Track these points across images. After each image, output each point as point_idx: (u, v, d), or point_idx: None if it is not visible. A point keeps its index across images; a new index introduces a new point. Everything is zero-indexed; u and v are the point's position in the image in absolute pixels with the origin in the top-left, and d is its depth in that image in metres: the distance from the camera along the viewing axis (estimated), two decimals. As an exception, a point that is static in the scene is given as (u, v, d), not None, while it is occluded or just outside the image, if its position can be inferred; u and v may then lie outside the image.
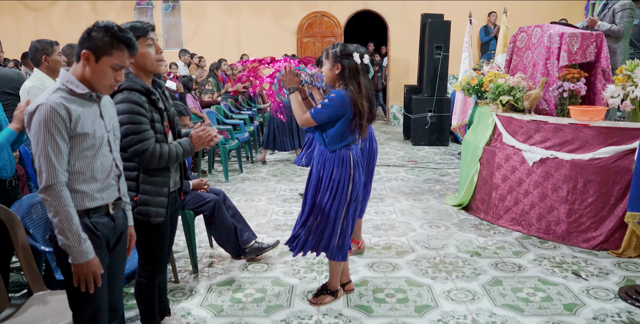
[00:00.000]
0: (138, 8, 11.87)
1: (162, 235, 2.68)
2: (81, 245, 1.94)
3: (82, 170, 2.00)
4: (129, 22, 2.48)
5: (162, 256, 2.73)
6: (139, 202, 2.51)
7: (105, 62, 1.97)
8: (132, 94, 2.39)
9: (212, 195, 3.89)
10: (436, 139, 8.99)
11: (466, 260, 3.95)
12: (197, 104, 6.98)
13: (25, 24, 11.74)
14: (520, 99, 4.51)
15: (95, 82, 2.00)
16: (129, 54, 2.02)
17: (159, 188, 2.55)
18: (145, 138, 2.38)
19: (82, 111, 1.98)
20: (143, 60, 2.46)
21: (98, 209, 2.08)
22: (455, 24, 9.12)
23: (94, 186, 2.05)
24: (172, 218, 2.82)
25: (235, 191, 6.10)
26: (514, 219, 4.59)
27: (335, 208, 3.06)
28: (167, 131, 2.60)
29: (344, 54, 2.96)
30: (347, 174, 3.03)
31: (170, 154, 2.43)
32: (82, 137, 1.97)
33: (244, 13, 11.56)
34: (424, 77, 9.10)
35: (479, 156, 4.91)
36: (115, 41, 1.96)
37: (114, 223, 2.16)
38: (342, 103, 2.91)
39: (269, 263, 3.99)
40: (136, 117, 2.37)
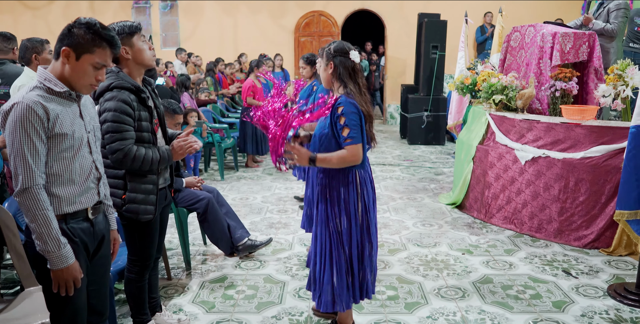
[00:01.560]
0: (136, 7, 11.88)
1: (151, 232, 2.70)
2: (61, 250, 1.88)
3: (60, 172, 1.93)
4: (120, 21, 2.52)
5: (151, 252, 2.75)
6: (127, 200, 2.53)
7: (86, 60, 1.91)
8: (122, 92, 2.42)
9: (206, 193, 3.91)
10: (432, 138, 9.01)
11: (458, 258, 3.97)
12: (193, 102, 7.00)
13: (23, 23, 11.74)
14: (513, 98, 4.54)
15: (74, 81, 1.94)
16: (111, 52, 1.97)
17: (147, 186, 2.57)
18: (124, 138, 2.40)
19: (61, 110, 1.91)
20: (140, 55, 2.50)
21: (76, 214, 2.00)
22: (451, 24, 9.14)
23: (72, 190, 1.97)
24: (163, 214, 2.84)
25: (230, 190, 6.12)
26: (506, 217, 4.61)
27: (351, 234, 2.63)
28: (157, 128, 2.63)
29: (339, 52, 2.63)
30: (354, 193, 2.62)
31: (145, 158, 2.43)
32: (60, 137, 1.89)
33: (242, 12, 11.57)
34: (420, 77, 9.13)
35: (472, 155, 4.93)
36: (98, 39, 1.90)
37: (94, 228, 2.09)
38: (354, 108, 2.53)
39: (261, 260, 4.01)
40: (121, 117, 2.39)
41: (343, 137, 2.52)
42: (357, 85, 2.63)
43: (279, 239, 4.45)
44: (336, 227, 2.63)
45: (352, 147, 2.52)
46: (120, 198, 2.54)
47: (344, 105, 2.52)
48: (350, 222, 2.61)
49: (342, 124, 2.52)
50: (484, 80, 4.77)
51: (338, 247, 2.64)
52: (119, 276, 2.90)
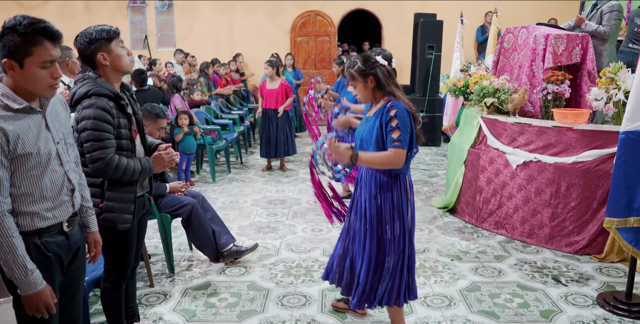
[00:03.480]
0: (131, 6, 11.81)
1: (129, 241, 2.63)
2: (28, 277, 1.80)
3: (29, 191, 1.83)
4: (98, 26, 2.44)
5: (128, 262, 2.68)
6: (105, 209, 2.47)
7: (30, 64, 1.77)
8: (100, 99, 2.35)
9: (190, 198, 3.85)
10: (428, 140, 8.92)
11: (446, 264, 3.90)
12: (185, 104, 6.93)
13: (18, 22, 11.66)
14: (504, 101, 4.46)
15: (32, 88, 1.81)
16: (53, 44, 1.79)
17: (125, 194, 2.50)
18: (105, 146, 2.34)
19: (22, 128, 1.79)
20: (118, 62, 2.43)
21: (50, 228, 1.92)
22: (448, 24, 9.06)
23: (45, 205, 1.89)
24: (141, 223, 2.78)
25: (221, 192, 6.05)
26: (497, 222, 4.54)
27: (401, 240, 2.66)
28: (135, 135, 2.56)
29: (369, 64, 2.60)
30: (406, 198, 2.64)
31: (127, 168, 2.38)
32: (24, 157, 1.79)
33: (238, 12, 11.50)
34: (416, 77, 9.04)
35: (463, 158, 4.86)
36: (30, 37, 1.74)
37: (69, 241, 2.02)
38: (406, 112, 2.52)
39: (247, 266, 3.95)
40: (100, 124, 2.33)
41: (392, 138, 2.51)
42: (398, 87, 2.63)
43: (266, 244, 4.38)
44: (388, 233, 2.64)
45: (399, 150, 2.50)
46: (97, 207, 2.47)
47: (397, 108, 2.52)
48: (403, 227, 2.64)
49: (393, 126, 2.50)
50: (475, 82, 4.70)
51: (390, 252, 2.65)
52: (93, 286, 2.83)
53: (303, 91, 9.78)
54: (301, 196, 5.84)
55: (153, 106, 3.69)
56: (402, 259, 2.68)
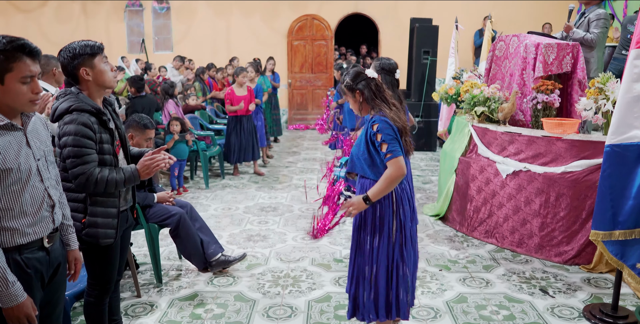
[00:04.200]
0: (128, 10, 11.81)
1: (112, 256, 2.63)
2: (9, 289, 1.82)
3: (9, 206, 1.86)
4: (82, 41, 2.44)
5: (111, 276, 2.68)
6: (87, 224, 2.47)
7: (10, 80, 1.81)
8: (82, 115, 2.35)
9: (177, 208, 3.84)
10: (424, 145, 8.92)
11: (434, 275, 3.90)
12: (179, 110, 6.92)
13: (15, 25, 11.68)
14: (495, 110, 4.46)
15: (12, 104, 1.85)
16: (32, 60, 1.85)
17: (108, 209, 2.50)
18: (86, 162, 2.33)
19: (3, 144, 1.83)
20: (102, 77, 2.44)
21: (31, 244, 1.94)
22: (445, 28, 9.06)
23: (25, 221, 1.91)
24: (124, 237, 2.78)
25: (214, 199, 6.05)
26: (487, 231, 4.53)
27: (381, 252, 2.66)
28: (118, 150, 2.56)
29: (357, 78, 2.69)
30: (390, 210, 2.66)
31: (109, 180, 2.37)
32: (5, 173, 1.83)
33: (234, 15, 11.51)
34: (412, 82, 9.05)
35: (454, 167, 4.85)
36: (9, 54, 1.79)
37: (49, 256, 2.04)
38: (387, 124, 2.57)
39: (235, 276, 3.94)
40: (81, 140, 2.33)
41: (383, 153, 2.59)
42: (385, 101, 2.68)
43: (256, 253, 4.38)
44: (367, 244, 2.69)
45: (394, 160, 2.56)
46: (80, 222, 2.47)
47: (378, 122, 2.60)
48: (388, 239, 2.65)
49: (379, 140, 2.59)
50: (466, 91, 4.69)
51: (370, 263, 2.69)
52: (75, 299, 2.83)
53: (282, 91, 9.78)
54: (293, 203, 5.83)
55: (141, 116, 3.69)
56: (386, 271, 2.67)
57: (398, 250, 2.67)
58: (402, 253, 2.67)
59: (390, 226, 2.65)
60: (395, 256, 2.68)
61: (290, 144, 9.66)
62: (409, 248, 2.70)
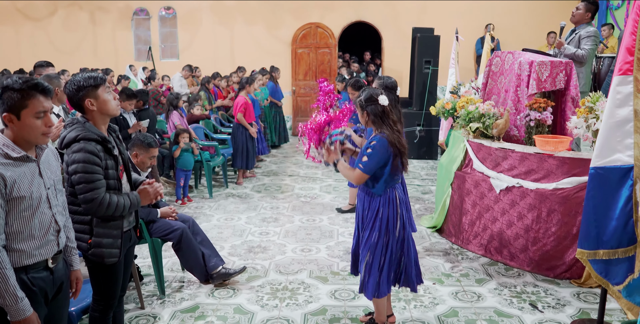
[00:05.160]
0: (135, 18, 12.00)
1: (116, 273, 2.78)
2: (18, 304, 2.01)
3: (20, 229, 2.06)
4: (86, 73, 2.62)
5: (115, 292, 2.82)
6: (93, 245, 2.62)
7: (26, 116, 2.03)
8: (89, 143, 2.50)
9: (180, 223, 3.98)
10: (425, 153, 9.03)
11: (427, 288, 4.01)
12: (183, 121, 7.08)
13: (24, 34, 11.92)
14: (489, 126, 4.57)
15: (28, 137, 2.06)
16: (45, 97, 2.07)
17: (112, 230, 2.66)
18: (96, 187, 2.49)
19: (18, 174, 2.04)
20: (105, 106, 2.60)
21: (36, 265, 2.14)
22: (446, 38, 9.17)
23: (32, 244, 2.10)
24: (127, 255, 2.91)
25: (217, 209, 6.19)
26: (482, 244, 4.64)
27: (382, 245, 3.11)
28: (122, 174, 2.71)
29: (369, 101, 3.07)
30: (394, 213, 3.10)
31: (118, 205, 2.53)
32: (18, 200, 2.03)
33: (238, 23, 11.67)
34: (413, 91, 9.16)
35: (450, 180, 4.97)
36: (24, 93, 2.02)
37: (53, 276, 2.23)
38: (384, 148, 2.98)
39: (235, 288, 4.07)
40: (90, 167, 2.48)
41: (359, 161, 3.08)
42: (388, 126, 3.05)
43: (256, 265, 4.51)
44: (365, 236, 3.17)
45: (359, 173, 3.06)
46: (86, 243, 2.63)
47: (378, 142, 3.02)
48: (389, 236, 3.11)
49: (366, 152, 3.04)
50: (462, 106, 4.81)
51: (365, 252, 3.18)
52: (82, 314, 2.97)
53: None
54: (294, 213, 5.96)
55: (145, 135, 3.84)
56: (379, 261, 3.12)
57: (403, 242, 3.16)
58: (404, 247, 3.16)
59: (394, 225, 3.10)
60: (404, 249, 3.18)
61: (293, 152, 9.79)
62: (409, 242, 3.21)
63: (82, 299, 2.95)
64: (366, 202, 3.17)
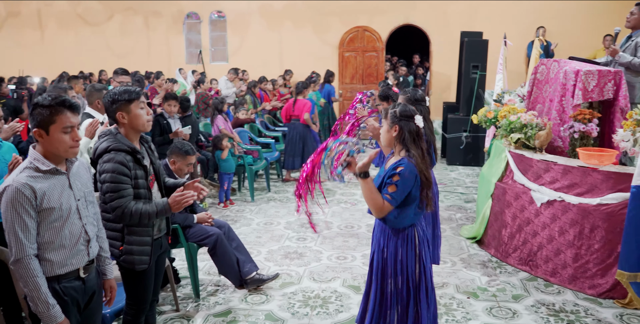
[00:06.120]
0: (187, 22, 12.33)
1: (146, 279, 2.88)
2: (49, 311, 2.12)
3: (51, 239, 2.17)
4: (123, 87, 2.72)
5: (146, 298, 2.92)
6: (124, 252, 2.73)
7: (54, 131, 2.14)
8: (118, 154, 2.61)
9: (215, 229, 4.07)
10: (471, 160, 8.84)
11: (461, 302, 3.94)
12: (227, 125, 7.22)
13: (83, 38, 12.47)
14: (532, 137, 4.43)
15: (56, 151, 2.17)
16: (72, 113, 2.18)
17: (143, 238, 2.75)
18: (122, 196, 2.59)
19: (48, 187, 2.14)
20: (135, 121, 2.69)
21: (68, 275, 2.24)
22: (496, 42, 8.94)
23: (63, 253, 2.21)
24: (159, 261, 3.01)
25: (258, 212, 6.28)
26: (521, 258, 4.51)
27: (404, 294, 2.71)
28: (152, 184, 2.80)
29: (404, 116, 2.67)
30: (412, 254, 2.69)
31: (143, 213, 2.62)
32: (48, 211, 2.13)
33: (286, 27, 11.80)
34: (460, 96, 9.00)
35: (491, 191, 4.86)
36: (53, 109, 2.13)
37: (85, 285, 2.33)
38: (412, 175, 2.60)
39: (268, 294, 4.13)
40: (118, 177, 2.59)
41: (386, 190, 2.64)
42: (420, 149, 2.67)
43: (290, 271, 4.55)
44: (391, 287, 2.71)
45: (387, 204, 2.63)
46: (117, 249, 2.74)
47: (405, 167, 2.61)
48: (408, 283, 2.68)
49: (393, 181, 2.62)
50: (504, 116, 4.69)
51: (389, 307, 2.72)
52: (115, 316, 3.09)
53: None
54: (334, 219, 5.98)
55: (183, 143, 3.95)
56: (407, 314, 2.70)
57: (424, 293, 2.70)
58: (427, 296, 2.71)
59: (412, 268, 2.68)
60: (422, 299, 2.70)
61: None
62: (430, 289, 2.73)
63: (116, 302, 3.06)
64: (382, 242, 2.76)
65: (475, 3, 10.91)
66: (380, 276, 2.75)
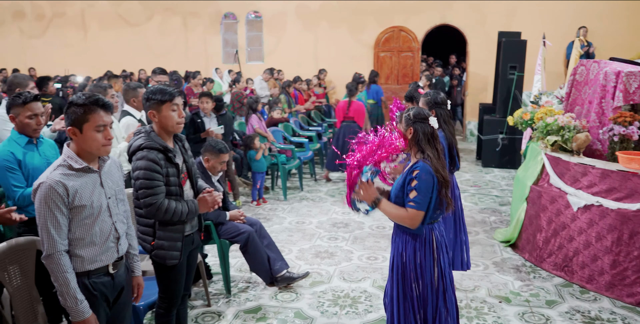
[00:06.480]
0: (224, 22, 12.51)
1: (178, 274, 2.94)
2: (77, 306, 2.18)
3: (81, 236, 2.22)
4: (160, 85, 2.78)
5: (177, 292, 2.99)
6: (156, 247, 2.80)
7: (88, 129, 2.19)
8: (151, 152, 2.68)
9: (247, 226, 4.12)
10: (507, 162, 8.68)
11: (493, 306, 3.88)
12: (262, 124, 7.29)
13: (124, 38, 12.78)
14: (569, 140, 4.33)
15: (89, 149, 2.22)
16: (105, 112, 2.22)
17: (174, 234, 2.82)
18: (155, 193, 2.65)
19: (80, 184, 2.19)
20: (165, 122, 2.76)
21: (98, 270, 2.30)
22: (534, 42, 8.77)
23: (93, 250, 2.26)
24: (191, 257, 3.07)
25: (290, 211, 6.33)
26: (557, 263, 4.41)
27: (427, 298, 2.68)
28: (184, 181, 2.86)
29: (418, 118, 2.69)
30: (431, 258, 2.67)
31: (175, 211, 2.68)
32: (80, 208, 2.19)
33: (322, 28, 11.83)
34: (497, 97, 8.85)
35: (526, 195, 4.77)
36: (86, 108, 2.17)
37: (114, 281, 2.38)
38: (429, 175, 2.59)
39: (298, 292, 4.16)
40: (150, 174, 2.65)
41: (409, 198, 2.61)
42: (435, 150, 2.67)
43: (321, 270, 4.57)
44: (411, 292, 2.69)
45: (414, 211, 2.59)
46: (149, 244, 2.81)
47: (420, 170, 2.60)
48: (427, 288, 2.66)
49: (412, 186, 2.60)
50: (540, 118, 4.60)
51: (414, 311, 2.70)
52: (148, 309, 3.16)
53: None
54: (365, 219, 5.97)
55: (217, 141, 4.02)
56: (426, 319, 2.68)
57: (442, 297, 2.68)
58: (445, 300, 2.68)
59: (430, 272, 2.65)
60: (439, 303, 2.67)
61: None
62: (450, 293, 2.70)
63: (149, 296, 3.15)
64: (400, 246, 2.73)
65: (513, 2, 10.71)
66: (402, 281, 2.72)
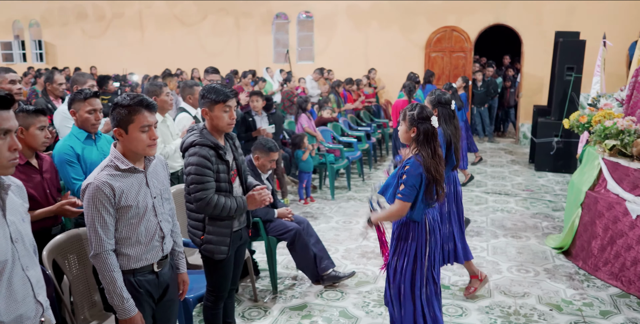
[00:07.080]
0: (276, 23, 12.66)
1: (225, 268, 3.01)
2: (124, 304, 2.23)
3: (128, 235, 2.27)
4: (218, 85, 2.84)
5: (225, 286, 3.06)
6: (205, 241, 2.88)
7: (133, 130, 2.22)
8: (202, 149, 2.76)
9: (294, 224, 4.17)
10: (562, 166, 8.40)
11: (543, 314, 3.78)
12: (311, 123, 7.34)
13: (179, 38, 13.15)
14: (629, 144, 4.17)
15: (135, 149, 2.25)
16: (149, 112, 2.24)
17: (223, 229, 2.89)
18: (206, 188, 2.73)
19: (126, 185, 2.24)
20: (217, 122, 2.83)
21: (143, 269, 2.35)
22: (594, 42, 8.46)
23: (139, 249, 2.31)
24: (239, 252, 3.14)
25: (337, 211, 6.35)
26: (612, 273, 4.25)
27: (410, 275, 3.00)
28: (234, 178, 2.93)
29: (421, 118, 2.91)
30: (422, 240, 2.97)
31: (225, 206, 2.75)
32: (126, 208, 2.23)
33: (373, 28, 11.80)
34: (553, 99, 8.58)
35: (581, 200, 4.61)
36: (131, 108, 2.21)
37: (159, 279, 2.43)
38: (417, 171, 2.85)
39: (344, 291, 4.17)
40: (201, 170, 2.73)
41: (398, 190, 2.92)
42: (431, 149, 2.91)
43: (367, 271, 4.57)
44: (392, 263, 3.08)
45: (400, 202, 2.90)
46: (199, 238, 2.89)
47: (411, 166, 2.89)
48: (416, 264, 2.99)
49: (402, 180, 2.91)
50: (598, 121, 4.44)
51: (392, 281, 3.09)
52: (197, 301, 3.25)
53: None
54: (412, 221, 5.91)
55: (267, 140, 4.08)
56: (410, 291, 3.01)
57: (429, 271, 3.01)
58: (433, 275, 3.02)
59: (421, 255, 2.97)
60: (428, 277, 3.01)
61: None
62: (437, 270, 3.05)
63: (198, 289, 3.24)
64: (397, 226, 3.06)
65: (572, 2, 10.35)
66: (392, 254, 3.07)
